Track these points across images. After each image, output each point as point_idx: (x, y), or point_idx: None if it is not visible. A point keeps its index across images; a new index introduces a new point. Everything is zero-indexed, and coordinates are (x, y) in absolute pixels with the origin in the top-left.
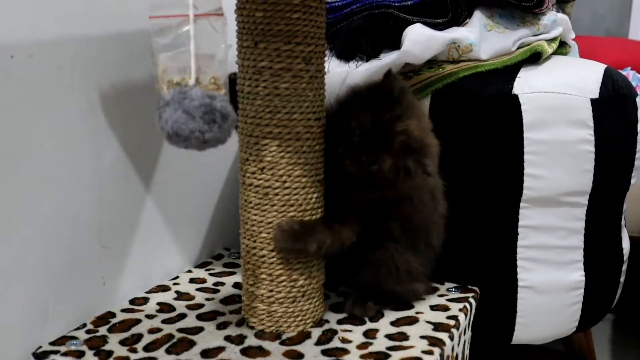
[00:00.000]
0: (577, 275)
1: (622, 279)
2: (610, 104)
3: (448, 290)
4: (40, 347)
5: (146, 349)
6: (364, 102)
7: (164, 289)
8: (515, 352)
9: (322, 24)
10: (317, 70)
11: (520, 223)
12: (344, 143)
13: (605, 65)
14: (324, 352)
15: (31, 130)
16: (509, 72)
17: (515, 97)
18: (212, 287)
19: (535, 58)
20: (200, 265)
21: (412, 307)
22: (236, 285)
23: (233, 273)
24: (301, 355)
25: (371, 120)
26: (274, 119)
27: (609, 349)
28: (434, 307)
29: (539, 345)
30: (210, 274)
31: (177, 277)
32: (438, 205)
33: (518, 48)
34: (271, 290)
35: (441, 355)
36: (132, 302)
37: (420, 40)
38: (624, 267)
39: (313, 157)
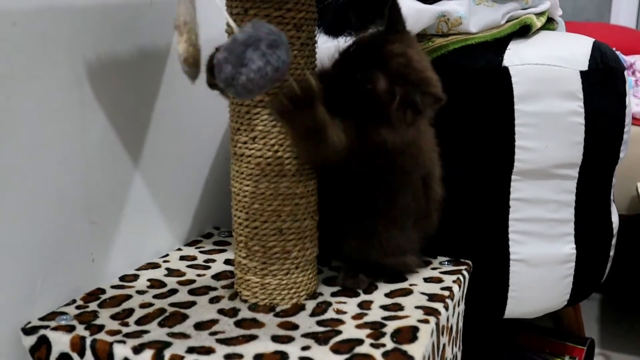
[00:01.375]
0: (568, 248)
1: (611, 253)
2: (599, 77)
3: (441, 263)
4: (29, 322)
5: (138, 322)
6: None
7: (154, 266)
8: (506, 329)
9: None
10: (308, 37)
11: (511, 196)
12: (339, 65)
13: (593, 39)
14: (319, 323)
15: (16, 103)
16: (499, 44)
17: (506, 69)
18: (203, 264)
19: (524, 31)
20: (190, 244)
21: (405, 279)
22: (227, 262)
23: (224, 250)
24: (296, 327)
25: (369, 39)
26: None
27: (597, 328)
28: (427, 279)
29: (529, 322)
30: (201, 252)
31: (167, 255)
32: (431, 191)
33: (507, 21)
34: (264, 263)
35: (437, 324)
36: (122, 278)
37: (409, 14)
38: (614, 241)
39: None
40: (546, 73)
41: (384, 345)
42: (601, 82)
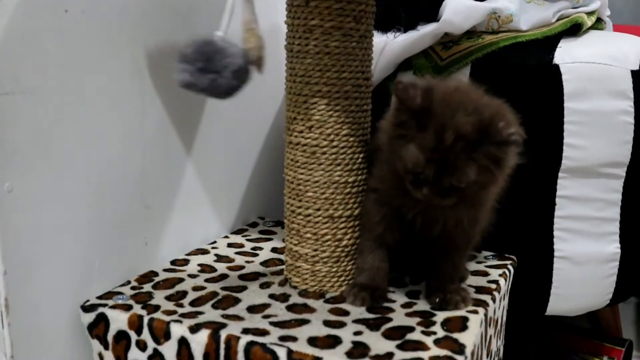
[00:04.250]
0: (613, 247)
1: None
2: None
3: (486, 257)
4: (87, 300)
5: (192, 304)
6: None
7: (203, 252)
8: (545, 328)
9: None
10: (366, 30)
11: (558, 193)
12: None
13: None
14: (369, 310)
15: (83, 89)
16: (550, 42)
17: (556, 66)
18: (251, 251)
19: (575, 30)
20: (237, 232)
21: None
22: (274, 250)
23: (270, 239)
24: (347, 313)
25: (423, 154)
26: (323, 77)
27: (633, 330)
28: (474, 273)
29: (568, 322)
30: (247, 240)
31: (214, 242)
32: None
33: (558, 19)
34: (315, 250)
35: (485, 315)
36: (173, 262)
37: (460, 10)
38: None
39: (360, 116)
40: (597, 71)
41: (434, 333)
42: None
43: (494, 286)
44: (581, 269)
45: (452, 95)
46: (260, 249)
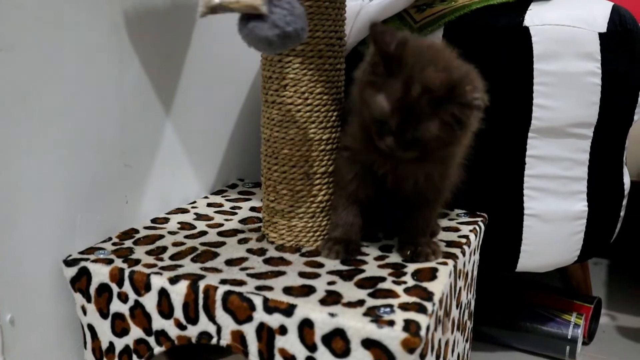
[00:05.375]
0: (581, 205)
1: (622, 213)
2: (617, 39)
3: (458, 215)
4: (70, 255)
5: (172, 258)
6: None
7: (182, 211)
8: (516, 286)
9: None
10: None
11: (527, 153)
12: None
13: (612, 2)
14: (343, 263)
15: (58, 46)
16: (520, 5)
17: (526, 28)
18: (230, 210)
19: None
20: (216, 193)
21: None
22: (253, 209)
23: (249, 199)
24: (321, 265)
25: (390, 103)
26: None
27: (604, 290)
28: (445, 229)
29: (539, 281)
30: (227, 200)
31: (194, 202)
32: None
33: None
34: (291, 206)
35: (454, 267)
36: (153, 221)
37: None
38: (624, 202)
39: (334, 74)
40: (565, 34)
41: (405, 282)
42: (619, 44)
43: (464, 240)
44: (550, 227)
45: (425, 51)
46: (239, 208)
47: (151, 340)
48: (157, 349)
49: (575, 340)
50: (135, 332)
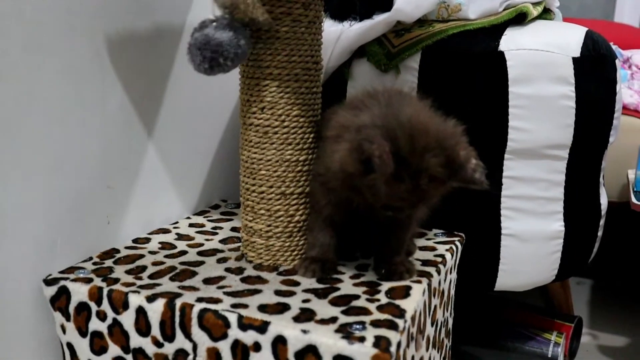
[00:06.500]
0: (557, 225)
1: (599, 233)
2: (590, 63)
3: (435, 234)
4: (50, 274)
5: (151, 277)
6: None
7: (164, 231)
8: (497, 304)
9: None
10: (315, 15)
11: (504, 174)
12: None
13: (586, 28)
14: (319, 281)
15: (42, 73)
16: (496, 30)
17: (502, 53)
18: (211, 230)
19: (520, 19)
20: (199, 213)
21: None
22: (234, 229)
23: (230, 220)
24: (297, 283)
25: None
26: (274, 60)
27: (586, 310)
28: (422, 248)
29: (521, 301)
30: (209, 220)
31: (176, 222)
32: None
33: (505, 9)
34: (269, 225)
35: (429, 285)
36: (135, 241)
37: (411, 0)
38: (602, 222)
39: (310, 98)
40: (540, 58)
41: (378, 300)
42: (592, 68)
43: (439, 259)
44: (527, 246)
45: (413, 133)
46: (221, 228)
47: (129, 357)
48: None
49: (555, 358)
50: (114, 350)
